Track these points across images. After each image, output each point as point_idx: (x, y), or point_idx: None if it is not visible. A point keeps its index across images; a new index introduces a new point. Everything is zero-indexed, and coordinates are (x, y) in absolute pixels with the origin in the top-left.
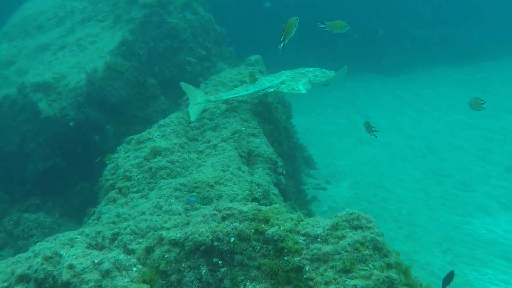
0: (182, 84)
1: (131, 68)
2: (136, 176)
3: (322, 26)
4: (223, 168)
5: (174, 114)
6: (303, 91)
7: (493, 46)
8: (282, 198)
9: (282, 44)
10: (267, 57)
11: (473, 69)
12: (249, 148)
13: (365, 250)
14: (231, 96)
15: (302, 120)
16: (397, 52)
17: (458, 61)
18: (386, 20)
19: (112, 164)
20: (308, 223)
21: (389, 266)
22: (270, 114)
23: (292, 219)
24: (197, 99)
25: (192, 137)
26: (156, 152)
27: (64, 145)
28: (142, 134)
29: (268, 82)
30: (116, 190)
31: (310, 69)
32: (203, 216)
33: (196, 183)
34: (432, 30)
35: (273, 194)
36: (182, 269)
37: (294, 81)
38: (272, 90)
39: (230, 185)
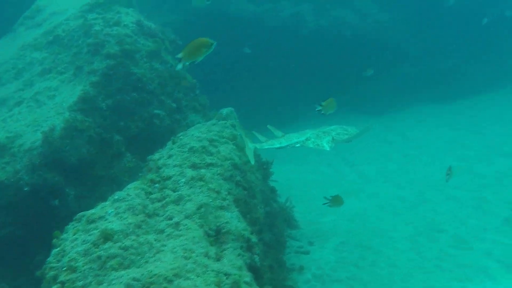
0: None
1: (93, 125)
2: (83, 266)
3: (319, 109)
4: (185, 254)
5: (132, 184)
6: (327, 148)
7: (482, 81)
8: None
9: (181, 64)
10: (247, 105)
11: (462, 106)
12: (218, 224)
13: None
14: (267, 147)
15: (283, 170)
16: (382, 91)
17: (446, 98)
18: (369, 57)
19: (58, 249)
20: None
21: None
22: (243, 177)
23: None
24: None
25: (152, 212)
26: (107, 236)
27: (21, 212)
28: (93, 211)
29: (295, 138)
30: (59, 284)
31: (332, 127)
32: None
33: (151, 277)
34: (417, 66)
35: (245, 283)
36: None
37: (318, 139)
38: (299, 145)
39: (192, 278)
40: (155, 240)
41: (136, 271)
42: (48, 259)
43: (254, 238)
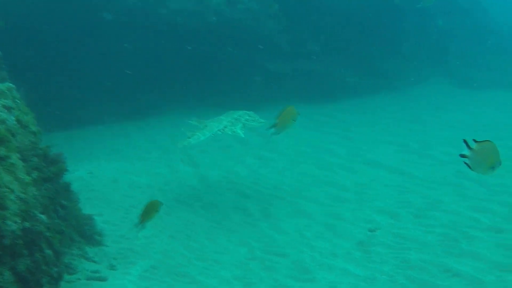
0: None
1: None
2: None
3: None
4: None
5: None
6: (242, 135)
7: (354, 84)
8: None
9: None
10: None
11: (332, 109)
12: None
13: None
14: (194, 142)
15: (112, 168)
16: (248, 87)
17: (318, 99)
18: (237, 50)
19: None
20: None
21: None
22: None
23: None
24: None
25: None
26: None
27: None
28: None
29: (216, 127)
30: None
31: (240, 112)
32: None
33: None
34: (289, 64)
35: None
36: None
37: (233, 126)
38: (221, 133)
39: None
40: None
41: None
42: None
43: None
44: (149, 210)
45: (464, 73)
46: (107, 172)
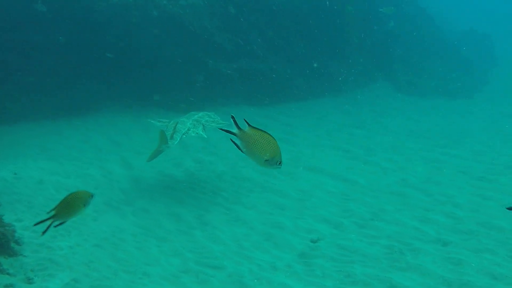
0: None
1: None
2: None
3: None
4: None
5: None
6: (205, 136)
7: (299, 86)
8: None
9: None
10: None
11: (275, 111)
12: None
13: None
14: (177, 142)
15: (43, 168)
16: (191, 86)
17: (261, 100)
18: (179, 47)
19: None
20: None
21: None
22: None
23: None
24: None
25: None
26: None
27: None
28: None
29: (183, 130)
30: None
31: (200, 114)
32: None
33: None
34: (233, 63)
35: None
36: None
37: (195, 128)
38: (185, 136)
39: None
40: None
41: None
42: None
43: None
44: (72, 203)
45: (408, 79)
46: (33, 173)
